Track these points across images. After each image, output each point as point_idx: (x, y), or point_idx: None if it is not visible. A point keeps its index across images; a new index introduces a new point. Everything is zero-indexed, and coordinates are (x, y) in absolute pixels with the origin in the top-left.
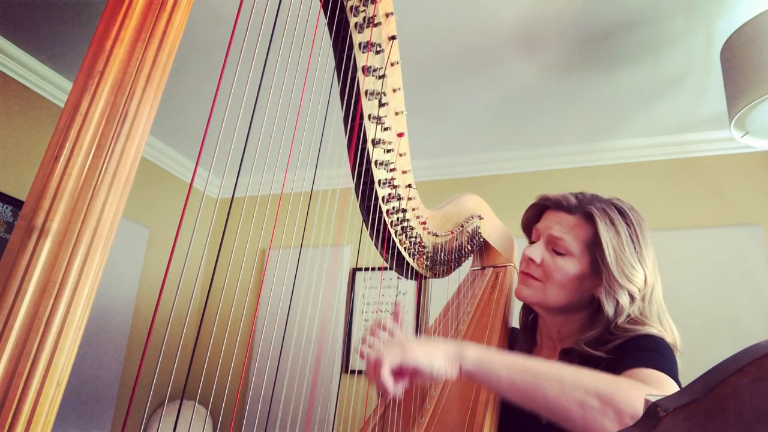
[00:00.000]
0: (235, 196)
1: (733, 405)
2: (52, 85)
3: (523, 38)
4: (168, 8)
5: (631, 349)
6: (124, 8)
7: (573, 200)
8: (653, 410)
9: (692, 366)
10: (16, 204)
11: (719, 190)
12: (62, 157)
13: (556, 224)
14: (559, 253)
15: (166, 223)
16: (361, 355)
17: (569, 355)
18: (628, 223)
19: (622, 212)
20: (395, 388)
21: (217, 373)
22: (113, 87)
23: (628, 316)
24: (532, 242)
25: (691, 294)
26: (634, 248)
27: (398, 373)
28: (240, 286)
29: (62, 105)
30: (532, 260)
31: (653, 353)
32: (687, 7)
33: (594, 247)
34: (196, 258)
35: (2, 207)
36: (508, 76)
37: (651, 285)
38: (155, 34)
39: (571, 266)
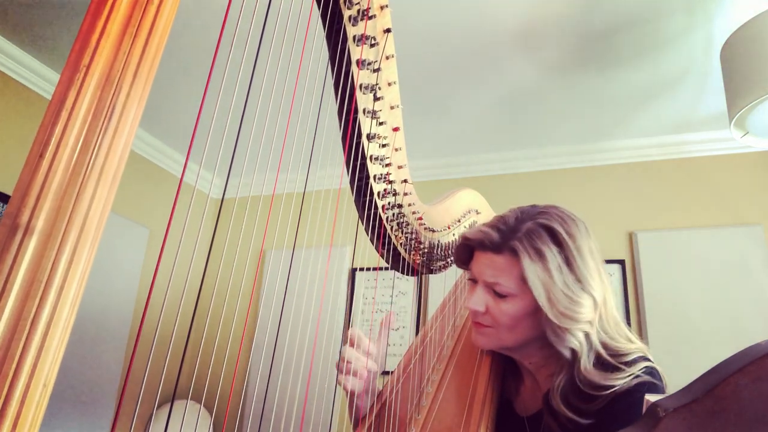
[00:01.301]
0: (234, 196)
1: (733, 405)
2: (51, 84)
3: (523, 38)
4: (156, 1)
5: (614, 415)
6: (111, 1)
7: (495, 236)
8: (653, 410)
9: (692, 366)
10: None
11: (719, 190)
12: (47, 153)
13: (487, 268)
14: (500, 296)
15: (165, 224)
16: (338, 381)
17: (549, 404)
18: (559, 243)
19: (551, 232)
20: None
21: (210, 371)
22: (99, 81)
23: (592, 349)
24: (471, 281)
25: (691, 294)
26: (570, 273)
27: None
28: (240, 286)
29: None
30: (477, 311)
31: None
32: (687, 7)
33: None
34: (196, 258)
35: (2, 207)
36: (508, 76)
37: (601, 305)
38: (143, 28)
39: (515, 307)
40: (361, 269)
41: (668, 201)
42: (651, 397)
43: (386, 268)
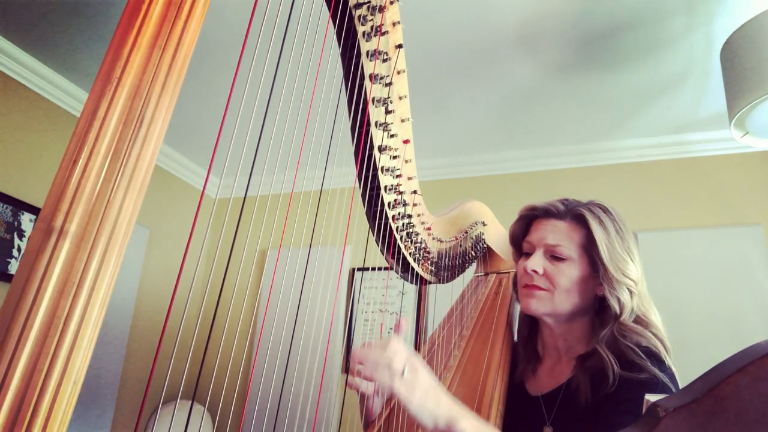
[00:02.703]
0: (237, 196)
1: (733, 405)
2: (52, 85)
3: (523, 38)
4: (183, 16)
5: (630, 401)
6: (141, 16)
7: (561, 206)
8: (653, 410)
9: (692, 366)
10: (16, 204)
11: (719, 190)
12: (80, 160)
13: (551, 233)
14: (558, 259)
15: (166, 224)
16: (350, 386)
17: (588, 360)
18: (612, 219)
19: (605, 210)
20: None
21: (215, 372)
22: (130, 93)
23: (632, 312)
24: (525, 254)
25: (691, 294)
26: (622, 242)
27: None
28: (241, 286)
29: (63, 106)
30: (534, 271)
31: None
32: (687, 7)
33: (589, 247)
34: (197, 259)
35: (2, 207)
36: (508, 76)
37: (641, 279)
38: (171, 41)
39: (573, 270)
40: (361, 269)
41: (668, 201)
42: (651, 397)
43: (388, 269)
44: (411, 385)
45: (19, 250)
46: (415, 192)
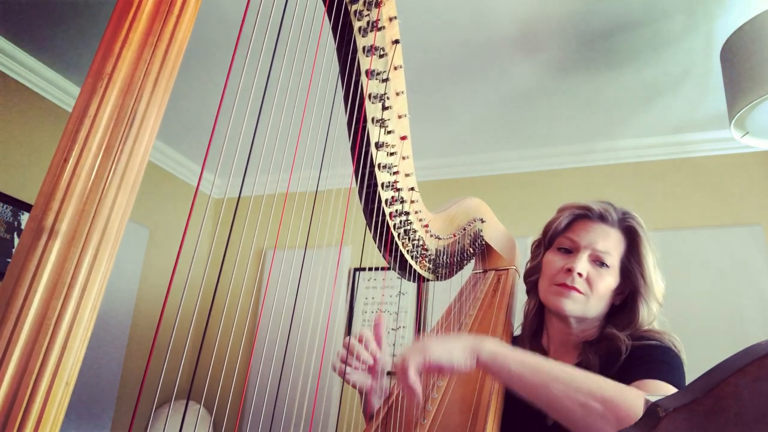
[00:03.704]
0: (236, 196)
1: (733, 405)
2: (52, 85)
3: (523, 38)
4: (176, 12)
5: (643, 358)
6: (133, 11)
7: (614, 214)
8: (653, 410)
9: (692, 366)
10: (16, 204)
11: (719, 190)
12: (71, 158)
13: (602, 238)
14: (602, 266)
15: (166, 223)
16: (339, 373)
17: (594, 345)
18: (646, 233)
19: (641, 225)
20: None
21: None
22: (121, 90)
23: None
24: (562, 250)
25: (691, 294)
26: (655, 264)
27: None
28: (241, 287)
29: (63, 105)
30: (579, 274)
31: (663, 365)
32: (687, 7)
33: (630, 260)
34: (197, 259)
35: (2, 207)
36: (508, 76)
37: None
38: (163, 38)
39: (611, 279)
40: (360, 269)
41: (668, 201)
42: (651, 398)
43: (388, 269)
44: (420, 347)
45: None
46: (412, 189)
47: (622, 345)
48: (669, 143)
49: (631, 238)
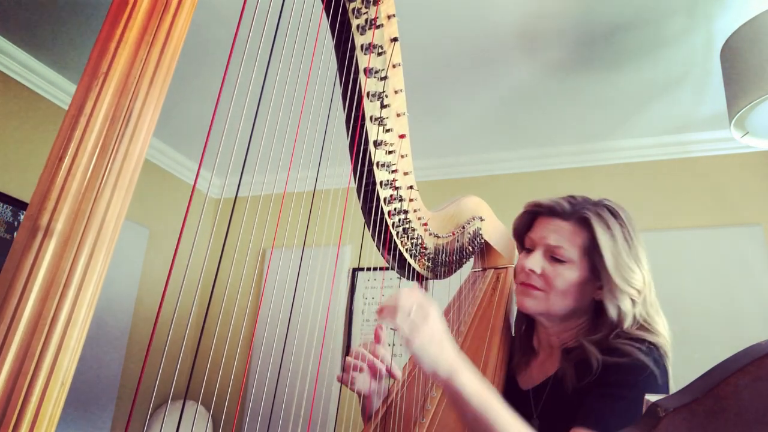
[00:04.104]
0: (236, 196)
1: (733, 405)
2: (52, 85)
3: (523, 38)
4: (172, 10)
5: (601, 389)
6: (128, 10)
7: (567, 206)
8: (653, 410)
9: (692, 366)
10: (16, 204)
11: (719, 190)
12: (66, 157)
13: (553, 233)
14: (558, 261)
15: (165, 223)
16: (344, 382)
17: (570, 353)
18: (621, 224)
19: (614, 213)
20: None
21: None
22: (117, 89)
23: (635, 320)
24: (526, 250)
25: (691, 294)
26: (630, 249)
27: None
28: (240, 286)
29: (62, 105)
30: (532, 271)
31: (617, 401)
32: (687, 7)
33: (592, 252)
34: (196, 258)
35: (2, 207)
36: (508, 76)
37: (648, 285)
38: (159, 36)
39: (571, 273)
40: (363, 269)
41: (668, 201)
42: (651, 397)
43: (388, 268)
44: (416, 324)
45: None
46: (411, 187)
47: (592, 359)
48: (669, 143)
49: (588, 229)
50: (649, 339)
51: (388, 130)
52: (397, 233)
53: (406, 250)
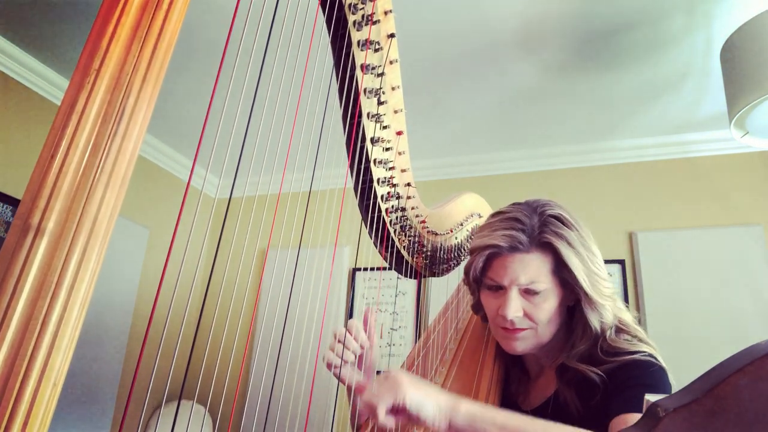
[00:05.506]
0: (234, 196)
1: (733, 405)
2: (51, 84)
3: (523, 38)
4: (165, 5)
5: (620, 386)
6: (121, 5)
7: (523, 237)
8: (653, 410)
9: (692, 366)
10: (16, 204)
11: (719, 190)
12: (58, 155)
13: (521, 272)
14: (534, 294)
15: (165, 223)
16: (328, 366)
17: (567, 373)
18: (574, 230)
19: (564, 221)
20: (392, 424)
21: (215, 372)
22: (109, 85)
23: (611, 324)
24: (490, 289)
25: (691, 294)
26: (592, 255)
27: (394, 411)
28: (239, 286)
29: None
30: (515, 318)
31: (642, 389)
32: (687, 7)
33: (560, 270)
34: (195, 258)
35: (2, 207)
36: (508, 77)
37: (611, 280)
38: (152, 32)
39: (550, 301)
40: (362, 269)
41: (668, 201)
42: (651, 397)
43: (387, 268)
44: (394, 389)
45: None
46: (408, 185)
47: (591, 374)
48: (669, 143)
49: (553, 252)
50: (633, 344)
51: (385, 127)
52: (395, 231)
53: (404, 247)
